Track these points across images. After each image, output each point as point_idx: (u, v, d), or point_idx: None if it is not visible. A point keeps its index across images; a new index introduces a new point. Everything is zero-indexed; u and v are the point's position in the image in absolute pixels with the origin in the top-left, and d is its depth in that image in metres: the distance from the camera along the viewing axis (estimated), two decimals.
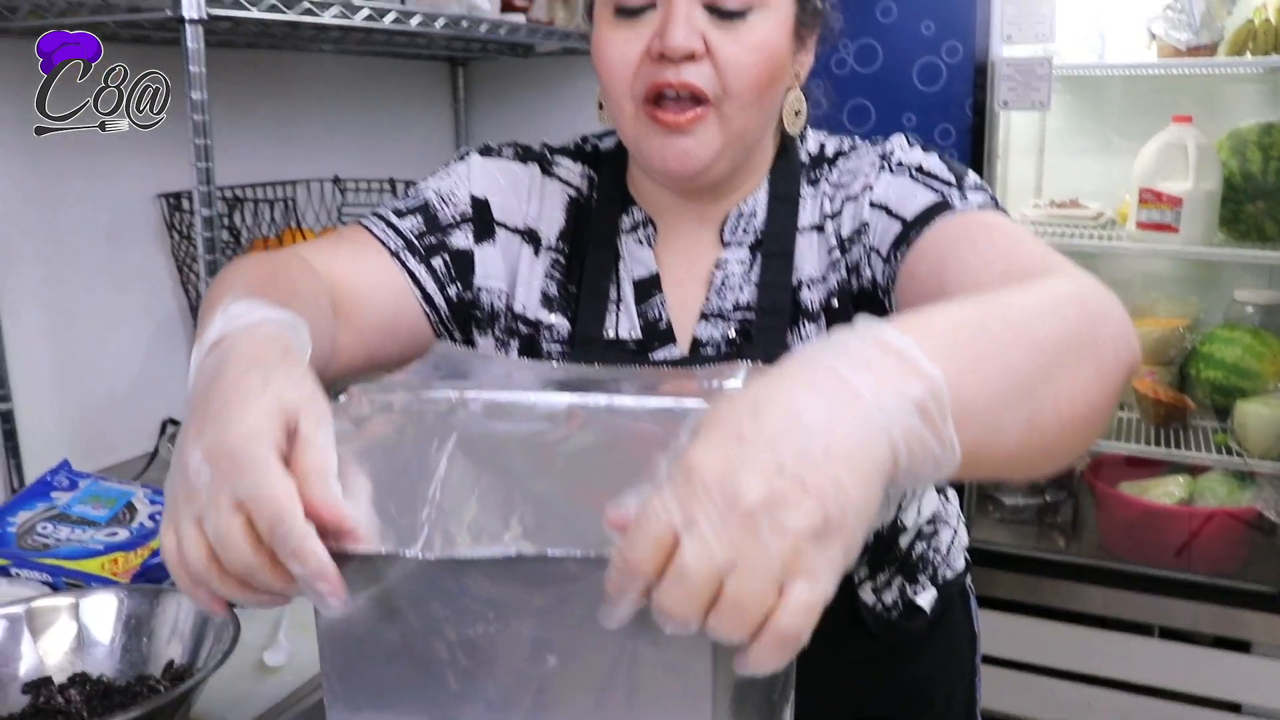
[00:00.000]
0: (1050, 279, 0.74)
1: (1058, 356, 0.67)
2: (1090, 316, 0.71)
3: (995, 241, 0.86)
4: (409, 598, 0.68)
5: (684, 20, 0.93)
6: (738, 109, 0.97)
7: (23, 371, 1.72)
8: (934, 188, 0.96)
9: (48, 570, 1.29)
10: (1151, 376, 2.62)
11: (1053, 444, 0.68)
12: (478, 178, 1.11)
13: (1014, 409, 0.64)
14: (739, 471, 0.52)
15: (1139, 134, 2.54)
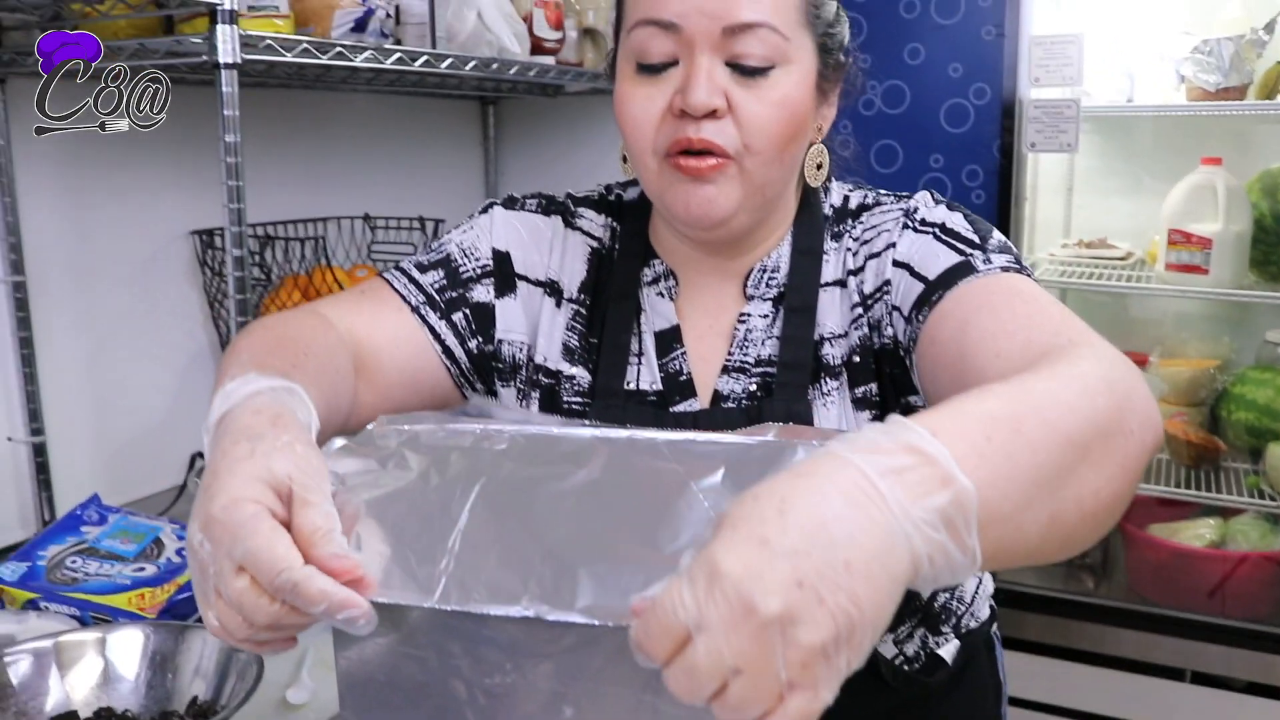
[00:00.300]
0: (1077, 360, 0.73)
1: (1085, 451, 0.67)
2: (1119, 404, 0.71)
3: (1017, 309, 0.86)
4: (428, 645, 0.69)
5: (706, 78, 0.94)
6: (759, 164, 0.97)
7: (56, 405, 1.75)
8: (957, 249, 0.96)
9: (76, 604, 1.31)
10: (1182, 418, 2.60)
11: (1074, 535, 0.69)
12: (500, 230, 1.12)
13: (1038, 508, 0.64)
14: (758, 580, 0.53)
15: (1168, 174, 2.52)
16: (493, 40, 1.90)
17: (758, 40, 0.94)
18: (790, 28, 0.96)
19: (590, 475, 0.70)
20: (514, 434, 0.75)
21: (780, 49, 0.95)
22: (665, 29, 0.95)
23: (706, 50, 0.94)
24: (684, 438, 0.71)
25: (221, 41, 1.38)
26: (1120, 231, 2.75)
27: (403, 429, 0.78)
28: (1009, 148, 2.33)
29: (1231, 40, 2.29)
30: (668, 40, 0.95)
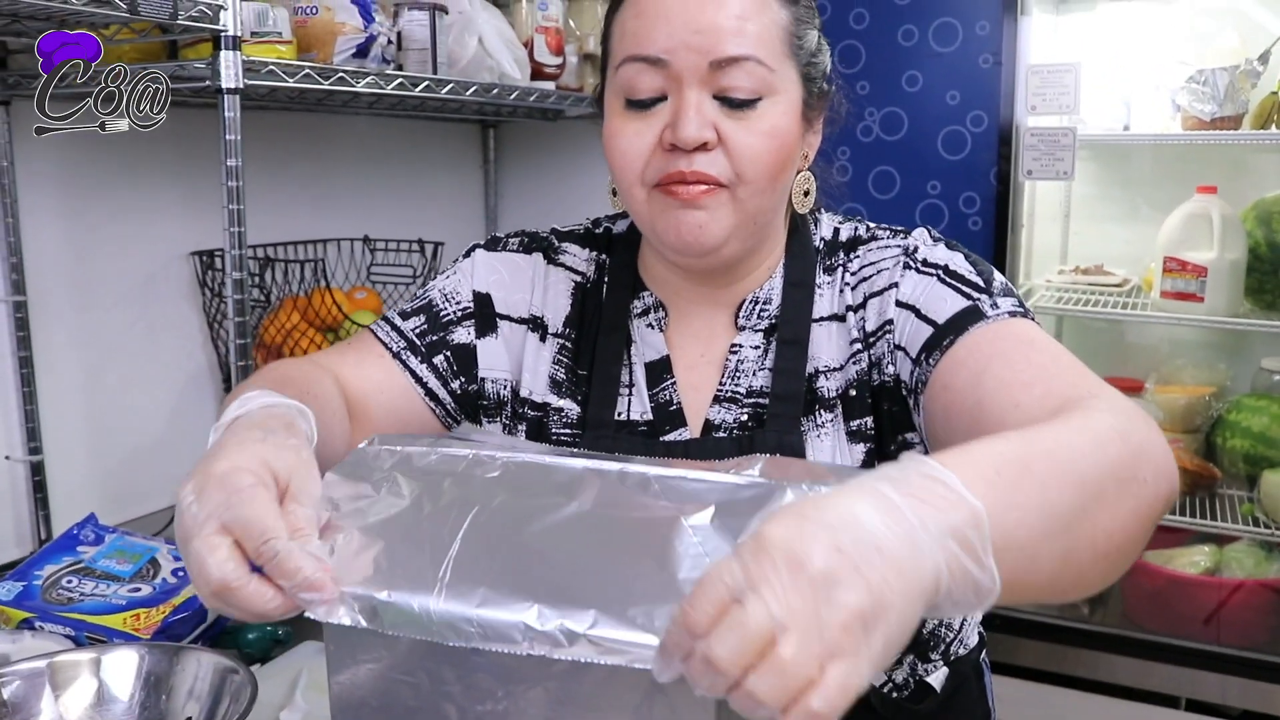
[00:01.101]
0: (1092, 412, 0.76)
1: (1098, 494, 0.70)
2: (1132, 453, 0.73)
3: (1032, 359, 0.88)
4: (420, 669, 0.69)
5: (695, 112, 0.95)
6: (751, 193, 0.98)
7: (54, 424, 1.76)
8: (964, 292, 0.97)
9: (71, 624, 1.31)
10: (1177, 445, 2.60)
11: (1088, 574, 0.71)
12: (480, 272, 1.14)
13: (1052, 543, 0.67)
14: (804, 542, 0.56)
15: (1164, 201, 2.54)
16: (493, 65, 1.91)
17: (744, 73, 0.95)
18: (775, 59, 0.97)
19: (581, 507, 0.70)
20: (506, 461, 0.76)
21: (766, 80, 0.96)
22: (653, 64, 0.96)
23: (694, 84, 0.96)
24: (675, 474, 0.71)
25: (225, 67, 1.40)
26: (1116, 258, 2.77)
27: (395, 449, 0.78)
28: (1006, 175, 2.35)
29: (1226, 70, 2.31)
30: (656, 75, 0.97)
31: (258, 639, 1.39)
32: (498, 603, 0.65)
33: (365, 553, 0.71)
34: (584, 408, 1.09)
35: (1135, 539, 0.73)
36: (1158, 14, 2.65)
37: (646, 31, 0.96)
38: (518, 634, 0.64)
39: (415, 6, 1.77)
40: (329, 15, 1.59)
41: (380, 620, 0.68)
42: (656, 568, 0.65)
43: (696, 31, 0.94)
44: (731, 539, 0.65)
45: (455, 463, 0.76)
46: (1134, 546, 0.74)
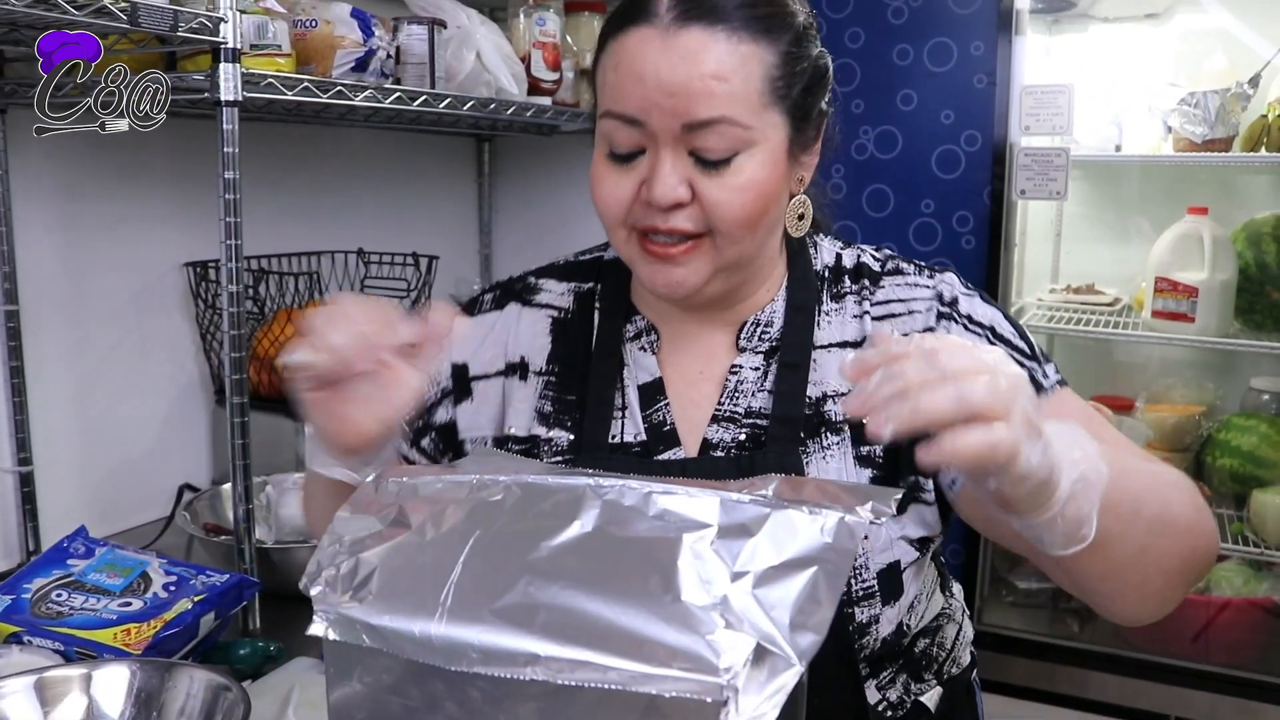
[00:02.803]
0: (1168, 471, 0.92)
1: (1173, 521, 0.86)
2: (1199, 508, 0.90)
3: (1102, 436, 0.95)
4: (415, 688, 0.70)
5: (670, 171, 0.96)
6: (728, 242, 1.00)
7: (44, 435, 1.74)
8: (1019, 360, 1.00)
9: (60, 639, 1.29)
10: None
11: (1152, 582, 0.86)
12: (457, 344, 1.17)
13: (1137, 531, 0.81)
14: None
15: (1156, 221, 2.56)
16: (490, 80, 1.91)
17: (716, 135, 0.96)
18: (752, 114, 0.97)
19: (584, 529, 0.71)
20: (509, 483, 0.76)
21: (740, 138, 0.97)
22: (630, 123, 0.97)
23: (669, 144, 0.96)
24: (679, 490, 0.72)
25: (224, 79, 1.39)
26: (1107, 277, 2.79)
27: (402, 480, 0.79)
28: (999, 194, 2.36)
29: (1218, 93, 2.33)
30: (634, 132, 0.98)
31: (249, 655, 1.38)
32: (500, 627, 0.66)
33: (369, 578, 0.72)
34: (576, 433, 1.10)
35: (1182, 578, 0.89)
36: (1148, 35, 2.67)
37: (623, 90, 0.97)
38: (520, 659, 0.64)
39: (414, 21, 1.77)
40: (329, 29, 1.59)
41: (384, 640, 0.68)
42: (660, 589, 0.66)
43: (669, 94, 0.95)
44: (732, 559, 0.66)
45: (459, 489, 0.77)
46: (1184, 584, 0.89)
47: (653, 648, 0.63)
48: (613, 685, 0.62)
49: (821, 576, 0.65)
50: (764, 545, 0.67)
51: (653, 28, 0.96)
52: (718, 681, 0.61)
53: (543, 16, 2.08)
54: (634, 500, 0.72)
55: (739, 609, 0.64)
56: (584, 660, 0.63)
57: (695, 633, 0.63)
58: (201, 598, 1.38)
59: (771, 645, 0.63)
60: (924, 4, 2.37)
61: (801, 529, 0.67)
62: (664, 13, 0.96)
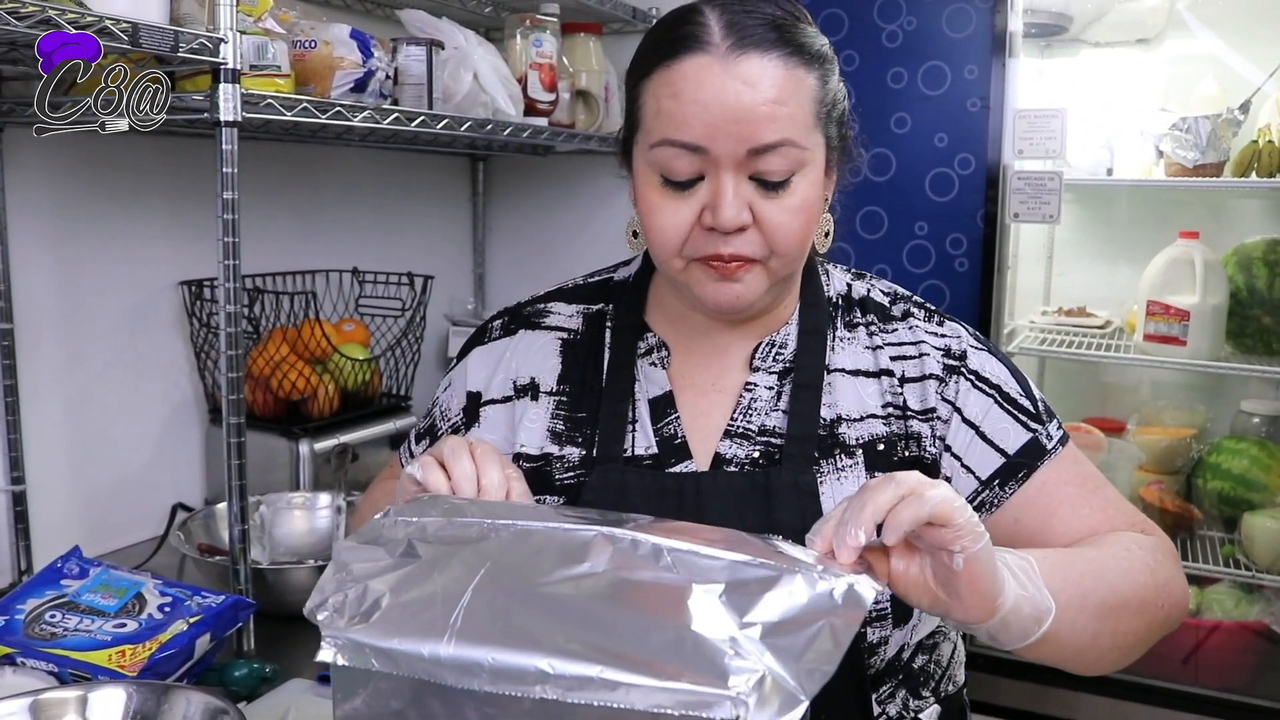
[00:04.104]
0: (1134, 547, 1.01)
1: (1124, 604, 0.95)
2: (1156, 586, 0.99)
3: (1093, 505, 1.08)
4: (422, 706, 0.70)
5: (734, 196, 0.98)
6: (784, 264, 1.03)
7: (38, 454, 1.74)
8: (1023, 421, 1.09)
9: (54, 660, 1.29)
10: (1158, 485, 2.62)
11: (1106, 658, 0.96)
12: (472, 374, 1.21)
13: (1085, 620, 0.91)
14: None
15: (1147, 245, 2.58)
16: (488, 101, 1.92)
17: (779, 157, 0.98)
18: (806, 135, 0.99)
19: (594, 568, 0.72)
20: (521, 528, 0.77)
21: (799, 159, 0.99)
22: (691, 150, 0.98)
23: (731, 169, 0.98)
24: (687, 547, 0.73)
25: (224, 100, 1.39)
26: (1099, 300, 2.80)
27: (411, 520, 0.80)
28: (993, 217, 2.37)
29: (1209, 119, 2.35)
30: (694, 160, 0.99)
31: (245, 676, 1.38)
32: (509, 646, 0.66)
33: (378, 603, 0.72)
34: (588, 449, 1.12)
35: (1142, 643, 0.99)
36: (1139, 61, 2.69)
37: (684, 118, 0.98)
38: (530, 677, 0.64)
39: (412, 42, 1.77)
40: (328, 50, 1.59)
41: (394, 663, 0.69)
42: (671, 618, 0.66)
43: (734, 120, 0.96)
44: (740, 613, 0.67)
45: (469, 529, 0.78)
46: (1140, 648, 0.99)
47: (662, 666, 0.63)
48: (619, 704, 0.62)
49: (829, 630, 0.67)
50: (773, 602, 0.69)
51: (709, 55, 0.97)
52: (727, 694, 0.61)
53: (539, 38, 2.09)
54: (645, 551, 0.74)
55: (747, 647, 0.64)
56: (593, 677, 0.63)
57: (705, 656, 0.64)
58: (197, 619, 1.37)
59: (780, 679, 0.63)
60: (918, 28, 2.39)
61: (811, 591, 0.70)
62: (719, 41, 0.97)
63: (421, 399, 2.27)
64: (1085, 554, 0.98)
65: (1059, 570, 0.91)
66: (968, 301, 2.41)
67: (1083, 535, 1.05)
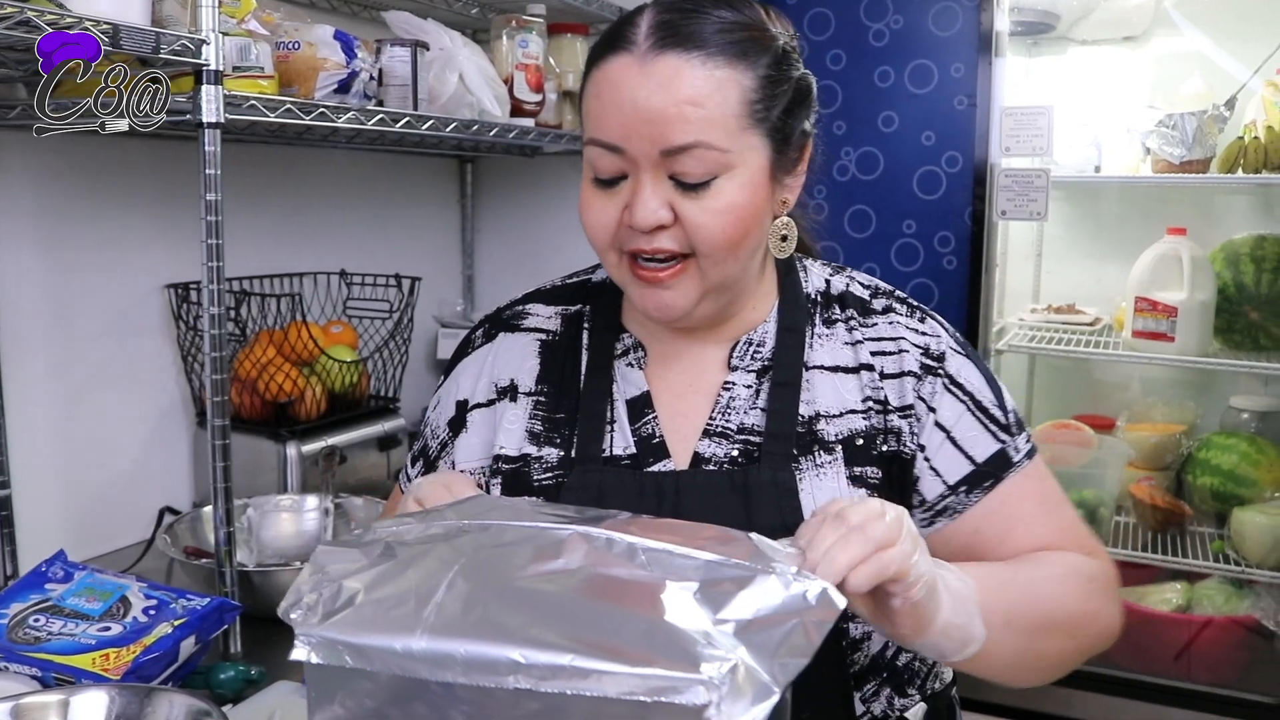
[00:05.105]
0: (1073, 572, 1.03)
1: (1051, 626, 0.99)
2: (1083, 612, 1.02)
3: (1050, 524, 1.08)
4: (399, 711, 0.70)
5: (650, 195, 0.98)
6: (712, 264, 1.01)
7: (23, 458, 1.73)
8: (994, 433, 1.09)
9: (38, 665, 1.28)
10: (1148, 482, 2.63)
11: (1027, 676, 1.00)
12: (462, 384, 1.21)
13: (1011, 637, 0.94)
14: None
15: (1136, 241, 2.58)
16: (473, 102, 1.92)
17: (694, 159, 0.97)
18: (729, 138, 0.98)
19: (569, 564, 0.72)
20: (497, 528, 0.77)
21: (719, 161, 0.98)
22: (611, 150, 0.99)
23: (649, 169, 0.98)
24: (661, 547, 0.73)
25: (206, 101, 1.39)
26: (1088, 298, 2.81)
27: (390, 528, 0.80)
28: (980, 215, 2.37)
29: (1194, 115, 2.35)
30: (615, 159, 0.99)
31: (230, 679, 1.37)
32: (482, 638, 0.66)
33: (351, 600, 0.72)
34: (566, 449, 1.11)
35: (1066, 665, 1.03)
36: (1126, 58, 2.70)
37: (603, 117, 0.99)
38: (504, 667, 0.64)
39: (397, 43, 1.77)
40: (311, 51, 1.59)
41: (367, 659, 0.68)
42: (645, 610, 0.66)
43: (646, 121, 0.96)
44: (714, 610, 0.67)
45: (446, 528, 0.78)
46: (1063, 670, 1.03)
47: (633, 654, 0.63)
48: (592, 692, 0.62)
49: (802, 628, 0.68)
50: (747, 600, 0.69)
51: (631, 55, 0.98)
52: (699, 679, 0.61)
53: (525, 38, 2.09)
54: (620, 549, 0.74)
55: (721, 641, 0.65)
56: (564, 665, 0.63)
57: (678, 645, 0.64)
58: (182, 621, 1.36)
59: (753, 670, 0.63)
60: (905, 26, 2.39)
61: (785, 593, 0.70)
62: (641, 41, 0.98)
63: (410, 401, 2.27)
64: (1023, 573, 1.01)
65: (995, 593, 0.94)
66: (956, 299, 2.42)
67: (1035, 551, 1.07)
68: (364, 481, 2.03)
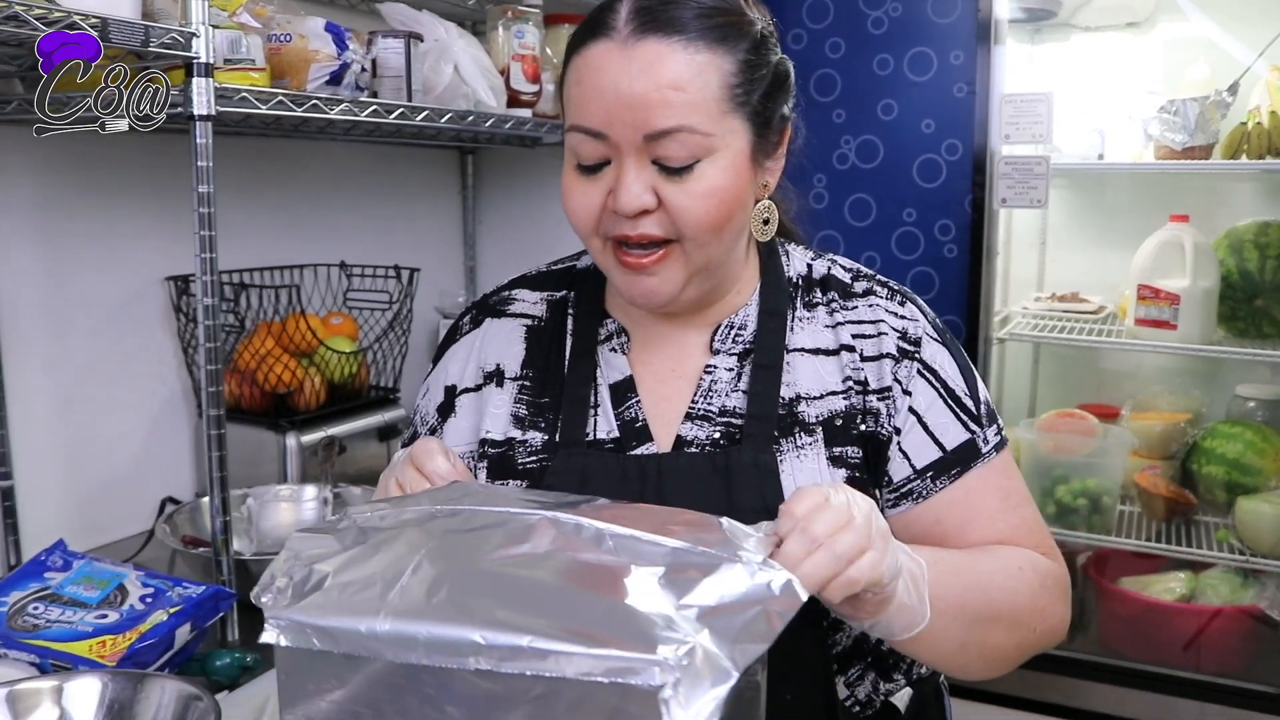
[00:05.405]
0: (1027, 568, 1.05)
1: (996, 618, 1.00)
2: (1032, 609, 1.04)
3: (1010, 520, 1.09)
4: (373, 703, 0.71)
5: (634, 180, 0.99)
6: (696, 247, 1.02)
7: (25, 449, 1.75)
8: (964, 422, 1.09)
9: (36, 651, 1.30)
10: (1153, 471, 2.62)
11: (972, 665, 1.01)
12: (451, 369, 1.21)
13: (956, 627, 0.96)
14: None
15: (1139, 229, 2.57)
16: (469, 93, 1.92)
17: (677, 143, 0.98)
18: (711, 121, 0.99)
19: (536, 549, 0.73)
20: (469, 512, 0.78)
21: (701, 145, 0.98)
22: (594, 136, 1.00)
23: (632, 154, 0.99)
24: (628, 533, 0.74)
25: (197, 94, 1.40)
26: (1092, 285, 2.79)
27: (365, 513, 0.81)
28: (980, 203, 2.37)
29: (1197, 101, 2.34)
30: (598, 145, 1.00)
31: (226, 666, 1.39)
32: (444, 620, 0.67)
33: (320, 584, 0.73)
34: (550, 433, 1.12)
35: (1009, 660, 1.04)
36: (1130, 44, 2.69)
37: (585, 103, 1.00)
38: (465, 649, 0.65)
39: (390, 34, 1.78)
40: (303, 43, 1.60)
41: (333, 641, 0.69)
42: (607, 594, 0.67)
43: (628, 106, 0.97)
44: (678, 595, 0.68)
45: (420, 515, 0.79)
46: (1008, 665, 1.04)
47: (591, 635, 0.64)
48: (550, 673, 0.63)
49: (764, 615, 0.69)
50: (711, 587, 0.70)
51: (611, 41, 0.98)
52: (655, 660, 0.62)
53: (521, 29, 2.09)
54: (588, 535, 0.75)
55: (682, 625, 0.65)
56: (523, 646, 0.64)
57: (636, 627, 0.64)
58: (177, 609, 1.38)
59: (712, 654, 0.63)
60: (903, 14, 2.38)
61: (749, 581, 0.71)
62: (622, 26, 0.98)
63: (410, 391, 2.27)
64: (977, 562, 1.02)
65: (946, 578, 0.95)
66: (957, 287, 2.41)
67: (993, 544, 1.07)
68: (363, 471, 2.04)
